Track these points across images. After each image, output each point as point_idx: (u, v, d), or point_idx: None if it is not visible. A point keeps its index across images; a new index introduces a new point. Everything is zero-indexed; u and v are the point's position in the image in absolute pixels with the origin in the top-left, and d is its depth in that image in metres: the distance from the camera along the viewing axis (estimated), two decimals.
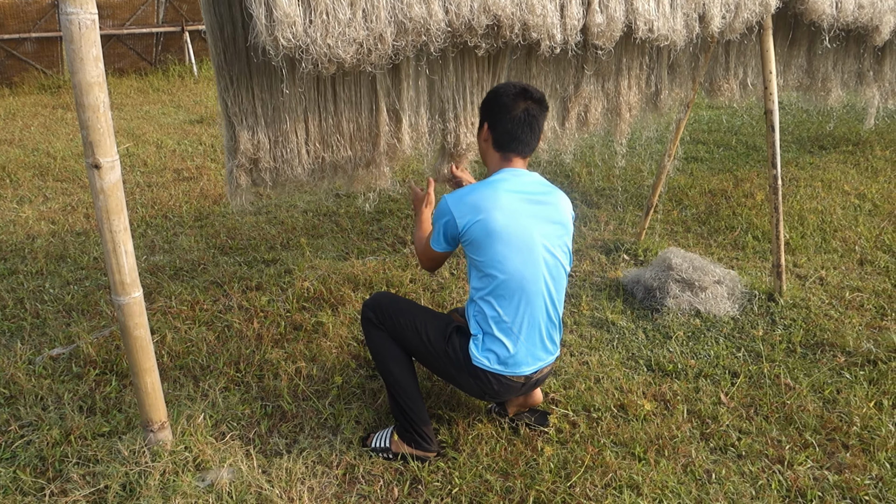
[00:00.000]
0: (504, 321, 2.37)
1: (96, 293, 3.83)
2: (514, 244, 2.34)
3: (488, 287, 2.38)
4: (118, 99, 9.79)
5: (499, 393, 2.47)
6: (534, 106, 2.42)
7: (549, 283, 2.40)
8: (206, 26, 2.46)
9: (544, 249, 2.38)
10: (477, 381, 2.44)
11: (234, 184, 2.70)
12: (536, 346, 2.43)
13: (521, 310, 2.37)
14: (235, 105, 2.56)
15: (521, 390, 2.51)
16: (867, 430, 2.66)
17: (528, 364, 2.43)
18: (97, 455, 2.45)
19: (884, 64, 4.66)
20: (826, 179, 5.63)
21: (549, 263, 2.40)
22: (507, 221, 2.33)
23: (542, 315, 2.41)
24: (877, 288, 3.76)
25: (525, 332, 2.39)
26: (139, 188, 5.77)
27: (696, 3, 3.07)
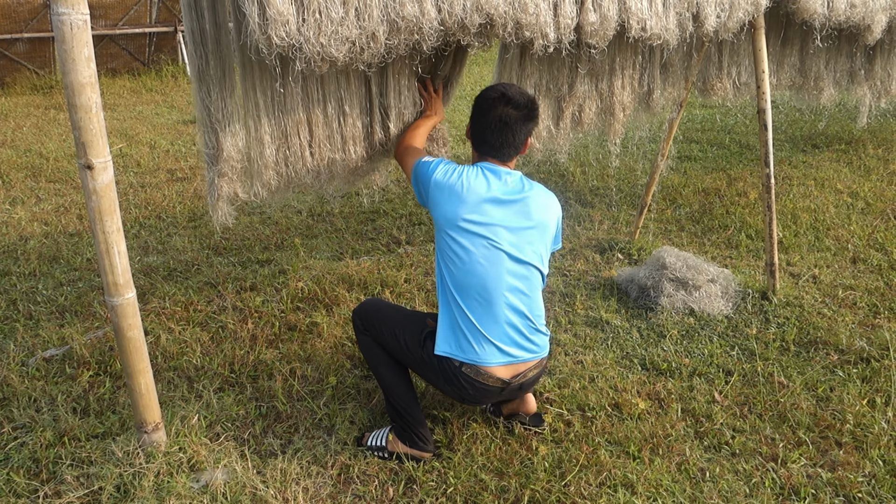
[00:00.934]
0: (465, 319, 2.37)
1: (89, 294, 3.82)
2: (475, 227, 2.36)
3: (448, 276, 2.40)
4: (111, 99, 9.76)
5: (475, 397, 2.45)
6: (511, 112, 2.43)
7: (513, 284, 2.38)
8: (186, 31, 2.43)
9: (510, 250, 2.37)
10: (452, 386, 2.43)
11: (216, 195, 2.64)
12: (503, 345, 2.38)
13: (479, 303, 2.36)
14: (219, 111, 2.53)
15: (503, 395, 2.47)
16: (860, 427, 2.67)
17: (494, 360, 2.38)
18: (91, 456, 2.45)
19: (875, 63, 4.68)
20: (819, 178, 5.65)
21: (511, 268, 2.38)
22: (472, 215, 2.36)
23: (504, 315, 2.37)
24: (869, 286, 3.78)
25: (485, 327, 2.36)
26: (132, 189, 5.75)
27: (690, 3, 3.07)
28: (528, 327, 2.43)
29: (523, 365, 2.45)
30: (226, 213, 2.69)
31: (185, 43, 11.77)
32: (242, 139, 2.64)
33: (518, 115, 2.44)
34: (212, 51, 2.46)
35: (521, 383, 2.46)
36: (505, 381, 2.41)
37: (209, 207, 2.71)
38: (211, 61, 2.47)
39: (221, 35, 2.46)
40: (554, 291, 3.79)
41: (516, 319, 2.40)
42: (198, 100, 2.54)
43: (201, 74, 2.49)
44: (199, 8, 2.38)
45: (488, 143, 2.47)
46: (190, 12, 2.38)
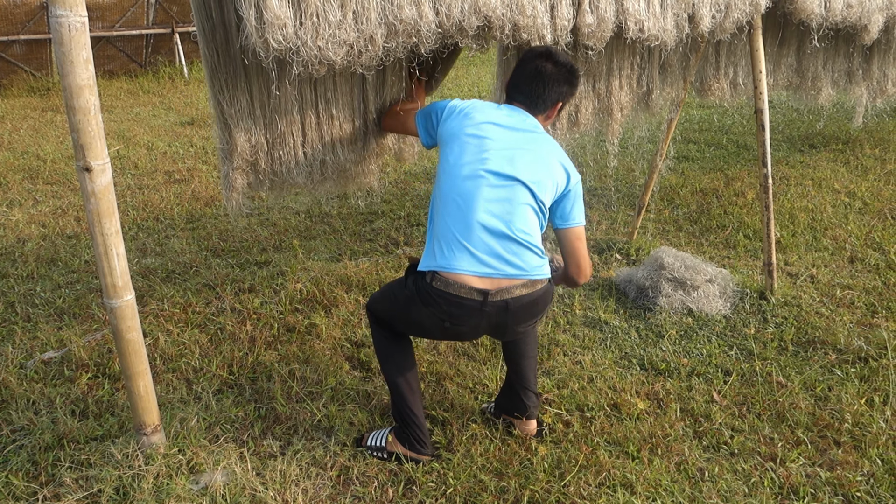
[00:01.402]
0: (440, 221, 2.30)
1: (88, 296, 3.81)
2: (471, 139, 2.33)
3: (436, 192, 2.37)
4: (108, 101, 9.75)
5: (456, 316, 2.27)
6: (549, 66, 2.41)
7: (495, 194, 2.26)
8: (197, 30, 2.44)
9: (496, 167, 2.28)
10: (431, 307, 2.28)
11: (230, 187, 2.69)
12: (477, 251, 2.23)
13: (456, 209, 2.27)
14: (232, 107, 2.55)
15: (486, 316, 2.27)
16: (858, 426, 2.68)
17: (467, 267, 2.23)
18: (90, 459, 2.45)
19: (872, 63, 4.69)
20: (816, 178, 5.66)
21: (496, 180, 2.27)
22: (476, 116, 2.38)
23: (482, 220, 2.24)
24: (867, 285, 3.79)
25: (461, 233, 2.25)
26: (130, 191, 5.74)
27: (686, 4, 3.08)
28: (511, 240, 2.25)
29: (505, 280, 2.25)
30: (241, 205, 2.72)
31: (181, 44, 11.77)
32: (255, 134, 2.65)
33: (555, 71, 2.42)
34: (222, 48, 2.46)
35: (507, 301, 2.25)
36: (482, 292, 2.23)
37: (224, 199, 2.74)
38: (221, 59, 2.48)
39: (230, 33, 2.47)
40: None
41: (496, 226, 2.24)
42: (211, 96, 2.56)
43: (213, 72, 2.50)
44: (207, 7, 2.39)
45: (519, 89, 2.46)
46: (200, 10, 2.39)
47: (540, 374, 3.04)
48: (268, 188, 2.80)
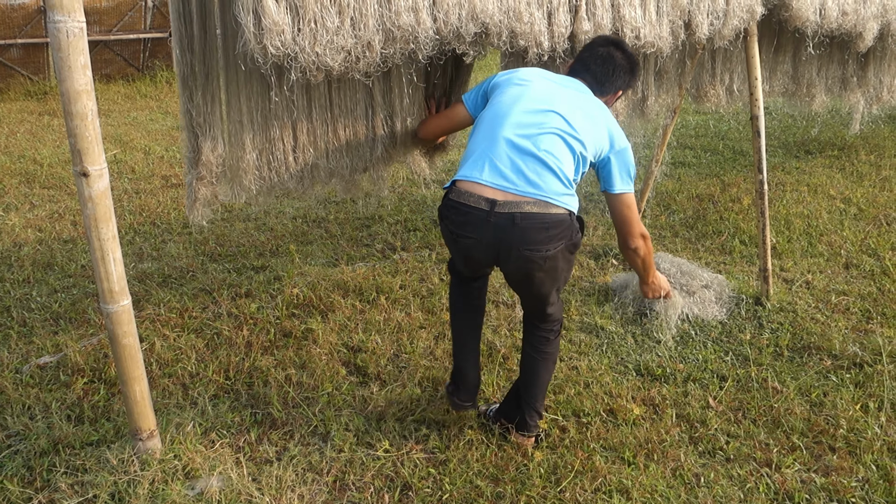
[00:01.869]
0: (470, 144, 2.41)
1: (84, 301, 3.81)
2: (513, 85, 2.44)
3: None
4: (105, 105, 9.75)
5: (461, 225, 2.30)
6: (618, 53, 2.55)
7: (529, 120, 2.32)
8: (174, 37, 2.46)
9: (534, 100, 2.36)
10: (444, 221, 2.40)
11: (193, 196, 2.69)
12: (497, 161, 2.27)
13: (486, 131, 2.36)
14: (200, 115, 2.56)
15: (489, 228, 2.25)
16: (853, 432, 2.69)
17: (485, 176, 2.27)
18: (85, 464, 2.44)
19: (867, 70, 4.72)
20: (812, 184, 5.68)
21: (532, 106, 2.35)
22: (525, 77, 2.46)
23: (508, 137, 2.29)
24: (862, 291, 3.80)
25: (485, 150, 2.31)
26: (127, 195, 5.74)
27: (682, 11, 3.10)
28: (536, 158, 2.27)
29: (517, 196, 2.24)
30: (202, 215, 2.73)
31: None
32: (222, 144, 2.66)
33: (623, 58, 2.56)
34: (198, 56, 2.48)
35: (514, 215, 2.22)
36: (490, 202, 2.23)
37: (186, 208, 2.75)
38: (196, 67, 2.49)
39: (208, 42, 2.48)
40: None
41: (522, 144, 2.28)
42: (181, 104, 2.58)
43: (185, 79, 2.51)
44: (187, 14, 2.40)
45: (588, 68, 2.55)
46: (178, 18, 2.40)
47: None
48: (255, 193, 2.80)
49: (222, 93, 2.63)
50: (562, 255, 2.33)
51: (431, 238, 4.67)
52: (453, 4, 2.44)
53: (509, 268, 2.38)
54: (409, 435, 2.70)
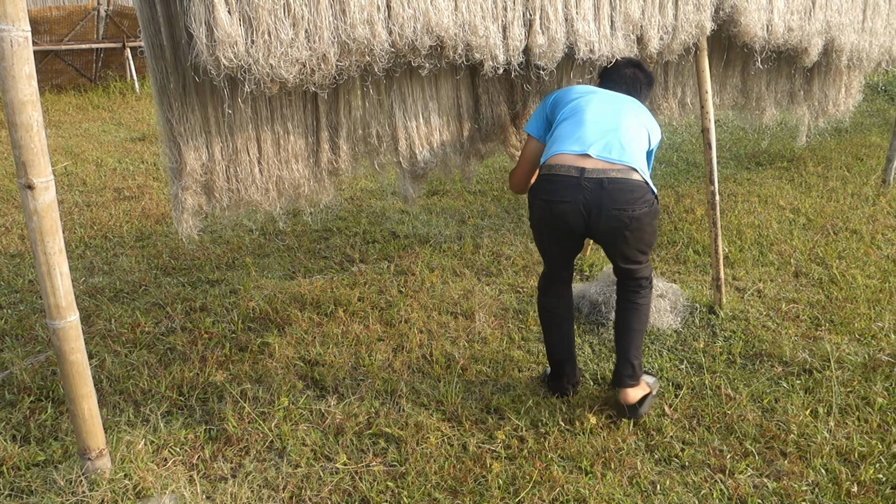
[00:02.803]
0: (554, 132, 2.77)
1: (31, 317, 3.70)
2: (579, 97, 2.84)
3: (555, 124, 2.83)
4: (56, 116, 9.53)
5: (554, 192, 2.62)
6: (640, 73, 3.02)
7: (605, 117, 2.73)
8: (145, 46, 2.41)
9: (611, 107, 2.79)
10: (537, 197, 2.70)
11: (180, 207, 2.64)
12: (586, 140, 2.65)
13: (570, 119, 2.75)
14: (181, 125, 2.52)
15: (580, 191, 2.57)
16: (804, 437, 2.75)
17: (575, 148, 2.64)
18: (31, 486, 2.37)
19: (813, 84, 4.86)
20: (762, 195, 5.82)
21: (606, 102, 2.80)
22: (585, 91, 2.89)
23: (592, 120, 2.70)
24: (811, 299, 3.90)
25: (572, 131, 2.70)
26: (77, 208, 5.61)
27: (635, 25, 3.16)
28: (621, 133, 2.68)
29: (604, 163, 2.60)
30: (192, 226, 2.67)
31: (132, 58, 11.58)
32: (206, 153, 2.62)
33: (644, 77, 3.04)
34: (171, 65, 2.43)
35: (602, 180, 2.56)
36: (579, 169, 2.57)
37: (174, 221, 2.69)
38: (171, 75, 2.45)
39: (179, 50, 2.44)
40: (507, 308, 3.82)
41: (607, 121, 2.70)
42: (160, 113, 2.52)
43: (162, 88, 2.46)
44: (155, 23, 2.36)
45: (615, 81, 3.00)
46: (148, 27, 2.36)
47: (495, 389, 3.05)
48: (225, 206, 2.76)
49: (196, 101, 2.58)
50: (646, 217, 2.64)
51: (390, 250, 4.66)
52: (408, 17, 2.45)
53: (599, 228, 2.64)
54: (367, 448, 2.68)
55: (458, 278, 4.20)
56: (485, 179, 6.37)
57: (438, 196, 5.89)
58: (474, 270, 4.32)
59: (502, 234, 4.94)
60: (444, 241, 4.80)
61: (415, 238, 4.88)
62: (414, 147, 3.06)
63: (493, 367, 3.24)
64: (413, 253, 4.61)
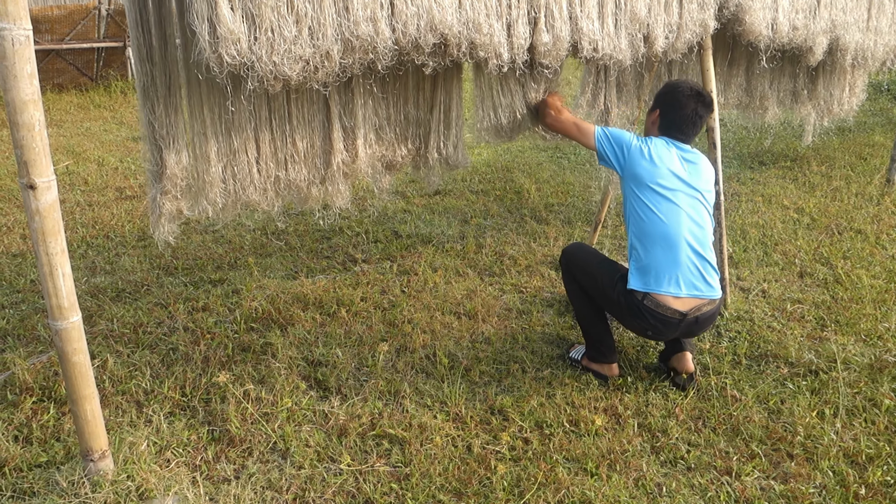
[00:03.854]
0: (651, 258, 2.89)
1: (33, 317, 3.69)
2: (662, 190, 2.90)
3: (637, 228, 2.95)
4: (57, 115, 9.52)
5: (658, 329, 2.91)
6: (703, 109, 3.01)
7: (692, 228, 2.90)
8: (132, 46, 2.40)
9: (689, 199, 2.91)
10: (638, 319, 2.93)
11: (158, 212, 2.62)
12: (683, 281, 2.87)
13: (663, 248, 2.87)
14: (163, 128, 2.50)
15: (681, 327, 2.90)
16: (810, 439, 2.73)
17: (676, 292, 2.86)
18: (34, 487, 2.35)
19: (817, 83, 4.84)
20: (766, 194, 5.80)
21: (691, 214, 2.91)
22: (661, 166, 2.92)
23: (686, 255, 2.87)
24: (816, 300, 3.88)
25: (669, 267, 2.86)
26: (79, 207, 5.60)
27: (640, 24, 3.14)
28: (704, 269, 2.91)
29: (698, 300, 2.89)
30: (168, 231, 2.66)
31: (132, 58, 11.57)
32: (187, 156, 2.60)
33: (707, 111, 3.03)
34: (158, 66, 2.42)
35: (697, 317, 2.90)
36: (682, 313, 2.87)
37: (150, 225, 2.68)
38: (157, 77, 2.43)
39: (168, 51, 2.42)
40: (511, 308, 3.80)
41: (694, 262, 2.89)
42: (143, 115, 2.51)
43: (146, 90, 2.45)
44: (145, 23, 2.35)
45: (682, 131, 3.02)
46: (136, 27, 2.35)
47: (499, 390, 3.04)
48: (220, 208, 2.74)
49: (184, 103, 2.57)
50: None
51: (393, 249, 4.65)
52: (412, 15, 2.43)
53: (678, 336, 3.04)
54: (371, 450, 2.66)
55: (462, 278, 4.19)
56: (487, 179, 6.35)
57: (441, 196, 5.87)
58: (477, 270, 4.31)
59: (505, 234, 4.92)
60: (446, 241, 4.78)
61: (417, 238, 4.86)
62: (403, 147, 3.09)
63: (496, 368, 3.22)
64: (416, 253, 4.59)
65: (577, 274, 3.15)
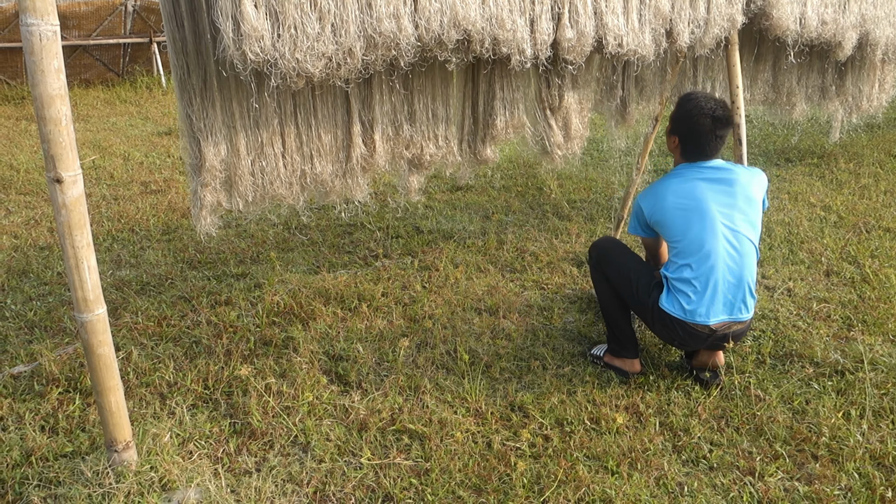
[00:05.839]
0: (685, 279, 2.85)
1: (60, 309, 3.74)
2: (690, 216, 2.86)
3: (674, 250, 2.93)
4: (84, 110, 9.65)
5: (685, 340, 2.93)
6: (721, 128, 2.93)
7: (728, 249, 2.84)
8: (167, 40, 2.42)
9: (722, 219, 2.85)
10: (666, 329, 2.94)
11: (199, 204, 2.65)
12: (718, 304, 2.83)
13: (699, 270, 2.83)
14: (201, 120, 2.52)
15: (708, 341, 2.90)
16: (836, 440, 2.69)
17: (709, 318, 2.83)
18: (59, 477, 2.39)
19: (846, 79, 4.76)
20: (792, 192, 5.72)
21: (726, 234, 2.84)
22: (680, 200, 2.89)
23: (722, 277, 2.82)
24: (843, 299, 3.82)
25: (704, 289, 2.82)
26: (105, 201, 5.67)
27: (664, 19, 3.10)
28: (741, 292, 2.86)
29: (731, 322, 2.88)
30: (210, 224, 2.68)
31: (159, 53, 11.69)
32: (225, 149, 2.62)
33: (727, 128, 2.97)
34: (192, 60, 2.44)
35: (726, 333, 2.89)
36: (712, 329, 2.86)
37: (192, 218, 2.70)
38: (192, 70, 2.45)
39: (202, 45, 2.44)
40: (532, 305, 3.79)
41: (730, 285, 2.84)
42: (180, 108, 2.53)
43: (183, 83, 2.47)
44: (178, 17, 2.37)
45: (705, 154, 2.98)
46: (170, 21, 2.37)
47: (519, 386, 3.03)
48: (250, 202, 2.76)
49: (217, 96, 2.58)
50: None
51: (414, 245, 4.65)
52: (435, 11, 2.43)
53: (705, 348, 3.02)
54: (391, 444, 2.67)
55: (483, 274, 4.18)
56: (509, 175, 6.33)
57: (462, 191, 5.86)
58: (498, 267, 4.30)
59: (527, 230, 4.90)
60: (468, 237, 4.78)
61: (439, 233, 4.86)
62: (424, 142, 3.10)
63: (517, 365, 3.21)
64: (437, 248, 4.59)
65: (609, 272, 3.12)
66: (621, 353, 3.13)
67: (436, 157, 3.12)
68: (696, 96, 3.00)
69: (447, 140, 3.13)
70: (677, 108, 3.04)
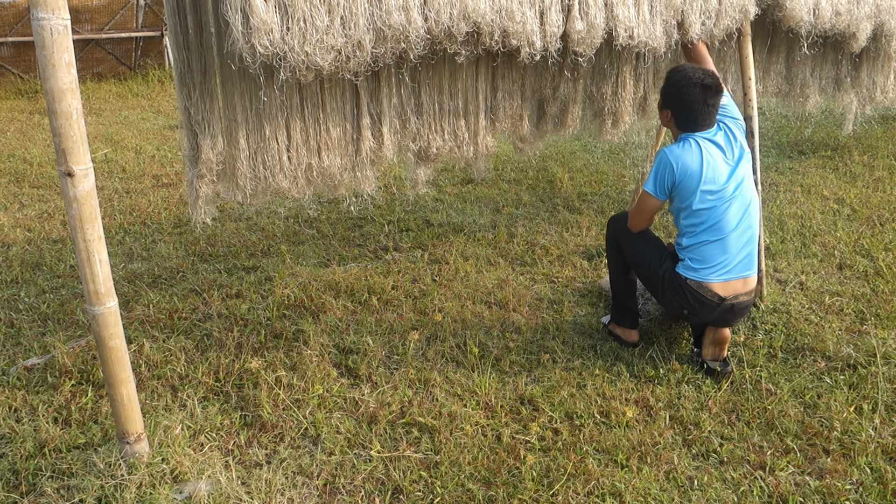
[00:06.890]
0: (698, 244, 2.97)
1: (72, 302, 3.77)
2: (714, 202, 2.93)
3: (687, 223, 3.01)
4: (96, 104, 9.69)
5: (694, 308, 3.00)
6: (712, 96, 2.94)
7: (740, 216, 2.95)
8: (169, 33, 2.44)
9: (734, 186, 2.93)
10: (677, 296, 3.03)
11: (195, 195, 2.68)
12: (729, 266, 2.95)
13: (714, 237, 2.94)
14: (199, 113, 2.54)
15: (715, 312, 2.98)
16: (847, 434, 2.67)
17: (716, 278, 2.94)
18: (72, 468, 2.41)
19: (861, 70, 4.71)
20: (805, 184, 5.68)
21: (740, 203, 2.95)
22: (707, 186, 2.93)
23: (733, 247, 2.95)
24: (856, 292, 3.79)
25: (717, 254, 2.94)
26: (117, 194, 5.70)
27: (675, 10, 3.08)
28: (750, 253, 3.00)
29: (738, 282, 2.98)
30: (205, 213, 2.71)
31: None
32: (221, 142, 2.64)
33: (717, 96, 2.97)
34: (194, 54, 2.45)
35: (733, 304, 2.97)
36: (721, 297, 2.95)
37: (189, 207, 2.73)
38: (193, 64, 2.46)
39: (203, 38, 2.45)
40: (542, 298, 3.78)
41: (743, 249, 2.97)
42: (180, 101, 2.55)
43: (183, 77, 2.48)
44: (181, 11, 2.38)
45: (699, 123, 2.98)
46: (173, 15, 2.37)
47: (529, 380, 3.03)
48: (249, 194, 2.78)
49: (219, 90, 2.60)
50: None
51: (424, 238, 4.65)
52: (444, 3, 2.42)
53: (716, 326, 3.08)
54: (401, 437, 2.68)
55: (493, 268, 4.18)
56: (519, 168, 6.32)
57: (472, 185, 5.85)
58: (509, 260, 4.29)
59: (537, 224, 4.89)
60: (478, 230, 4.77)
61: (449, 227, 4.85)
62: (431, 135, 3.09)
63: (527, 358, 3.21)
64: (447, 242, 4.59)
65: (623, 244, 3.25)
66: (622, 323, 3.33)
67: (443, 150, 3.12)
68: (683, 68, 3.02)
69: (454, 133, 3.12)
70: (666, 81, 3.05)
